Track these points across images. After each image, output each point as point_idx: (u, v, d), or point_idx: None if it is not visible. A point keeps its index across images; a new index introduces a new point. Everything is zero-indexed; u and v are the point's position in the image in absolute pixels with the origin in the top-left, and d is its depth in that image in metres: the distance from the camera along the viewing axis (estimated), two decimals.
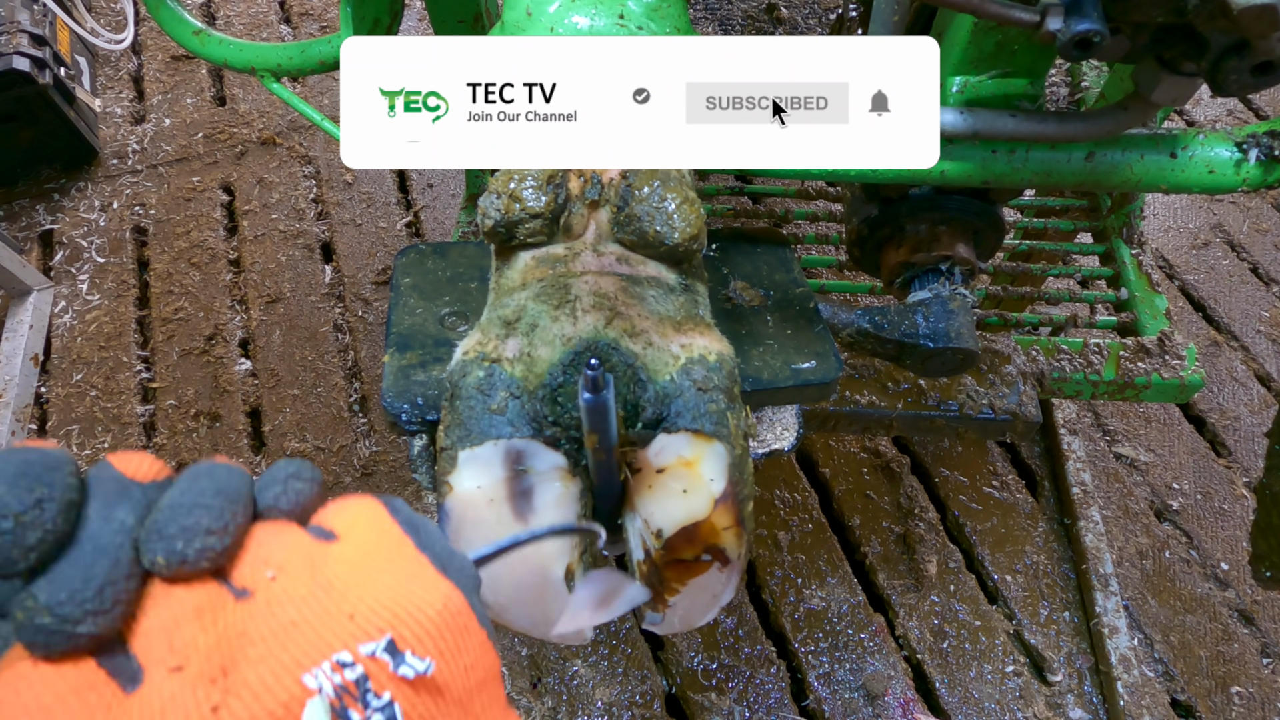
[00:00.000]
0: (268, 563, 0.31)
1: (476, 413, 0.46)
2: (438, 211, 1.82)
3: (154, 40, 2.10)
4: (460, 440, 0.46)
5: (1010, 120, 0.63)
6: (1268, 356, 1.65)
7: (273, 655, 0.28)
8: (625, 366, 0.47)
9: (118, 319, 1.68)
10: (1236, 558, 1.42)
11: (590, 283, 0.51)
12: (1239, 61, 0.53)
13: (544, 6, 0.56)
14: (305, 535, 0.33)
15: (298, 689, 0.28)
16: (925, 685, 1.29)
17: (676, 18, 0.57)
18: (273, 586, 0.30)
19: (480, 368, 0.47)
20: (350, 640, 0.29)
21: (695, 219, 0.53)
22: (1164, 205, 1.87)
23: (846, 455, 1.49)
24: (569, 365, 0.47)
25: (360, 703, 0.28)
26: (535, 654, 1.29)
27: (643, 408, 0.47)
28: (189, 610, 0.30)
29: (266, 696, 0.28)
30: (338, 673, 0.28)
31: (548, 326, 0.48)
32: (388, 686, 0.29)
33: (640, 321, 0.49)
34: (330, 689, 0.28)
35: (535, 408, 0.46)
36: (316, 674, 0.28)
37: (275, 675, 0.28)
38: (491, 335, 0.49)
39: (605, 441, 0.44)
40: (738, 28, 1.74)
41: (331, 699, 0.28)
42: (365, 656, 0.29)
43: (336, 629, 0.29)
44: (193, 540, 0.30)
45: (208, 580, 0.31)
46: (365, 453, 1.50)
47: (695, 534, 0.46)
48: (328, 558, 0.32)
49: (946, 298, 0.75)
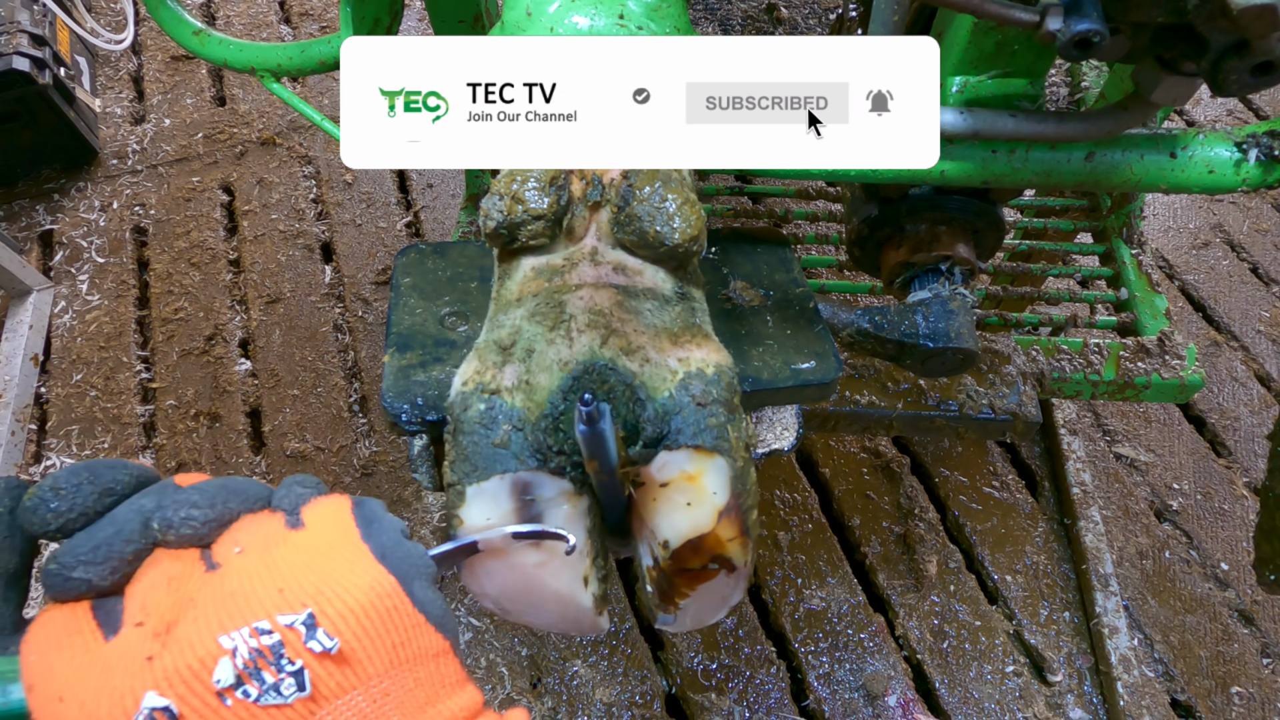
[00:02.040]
0: (238, 542, 0.37)
1: (481, 448, 0.46)
2: (438, 211, 1.82)
3: (154, 40, 2.10)
4: (467, 476, 0.46)
5: (1010, 120, 0.63)
6: (1268, 356, 1.65)
7: (204, 617, 0.34)
8: (623, 386, 0.47)
9: (118, 319, 1.68)
10: (1236, 558, 1.42)
11: (585, 298, 0.50)
12: (1239, 61, 0.53)
13: (544, 6, 0.56)
14: (279, 523, 0.39)
15: (215, 647, 0.33)
16: (925, 685, 1.29)
17: (676, 18, 0.57)
18: (234, 561, 0.37)
19: (480, 400, 0.47)
20: (273, 610, 0.34)
21: (696, 220, 0.53)
22: (1164, 205, 1.87)
23: (846, 455, 1.49)
24: (568, 391, 0.47)
25: (274, 666, 0.33)
26: (535, 654, 1.29)
27: (643, 426, 0.47)
28: (165, 576, 0.36)
29: (189, 652, 0.33)
30: (255, 638, 0.33)
31: (544, 351, 0.48)
32: (301, 655, 0.34)
33: (637, 337, 0.49)
34: (245, 650, 0.33)
35: (538, 439, 0.46)
36: (235, 636, 0.33)
37: (199, 634, 0.33)
38: (489, 363, 0.49)
39: (606, 465, 0.44)
40: (738, 28, 1.74)
41: (245, 659, 0.33)
42: (283, 626, 0.34)
43: (264, 600, 0.35)
44: (178, 511, 0.37)
45: (192, 552, 0.37)
46: (365, 453, 1.50)
47: (701, 546, 0.46)
48: (283, 541, 0.37)
49: (946, 298, 0.75)
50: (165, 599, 0.35)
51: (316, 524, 0.38)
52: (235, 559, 0.37)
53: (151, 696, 0.32)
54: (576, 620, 0.48)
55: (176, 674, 0.32)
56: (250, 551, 0.37)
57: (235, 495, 0.39)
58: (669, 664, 1.29)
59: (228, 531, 0.38)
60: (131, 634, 0.34)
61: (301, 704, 0.33)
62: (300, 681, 0.33)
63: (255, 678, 0.33)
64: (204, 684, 0.32)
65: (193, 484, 0.39)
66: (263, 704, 0.33)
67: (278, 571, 0.36)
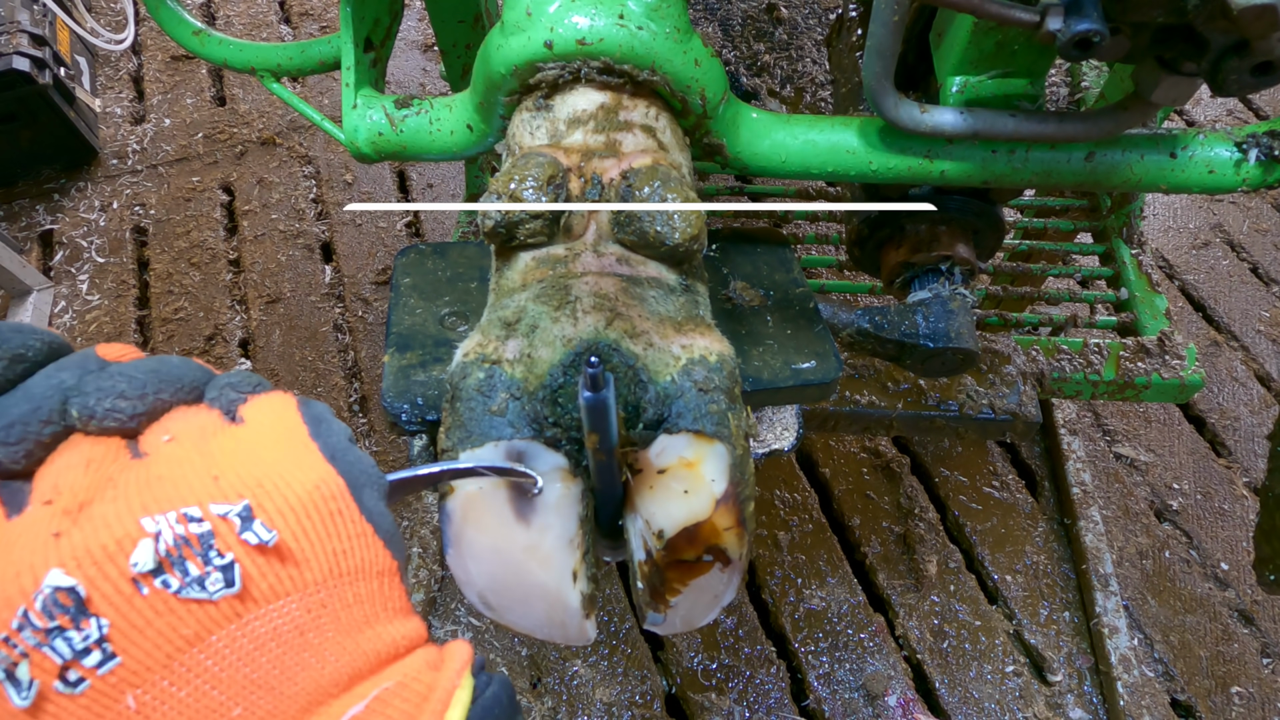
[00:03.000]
0: (168, 431, 0.34)
1: (477, 414, 0.46)
2: (438, 211, 1.82)
3: (154, 40, 2.10)
4: (461, 442, 0.46)
5: (1010, 120, 0.63)
6: (1268, 356, 1.65)
7: (124, 498, 0.30)
8: (626, 367, 0.47)
9: (118, 319, 1.68)
10: (1236, 558, 1.42)
11: (591, 283, 0.50)
12: (1239, 61, 0.53)
13: (544, 6, 0.56)
14: (215, 416, 0.35)
15: (135, 529, 0.29)
16: (925, 685, 1.29)
17: (676, 18, 0.57)
18: (162, 449, 0.33)
19: (480, 369, 0.47)
20: (205, 499, 0.30)
21: (695, 219, 0.52)
22: (1164, 205, 1.87)
23: (846, 455, 1.49)
24: (569, 366, 0.47)
25: (200, 557, 0.29)
26: (535, 654, 1.29)
27: (643, 408, 0.47)
28: (83, 459, 0.32)
29: (104, 531, 0.29)
30: (182, 524, 0.30)
31: (548, 327, 0.48)
32: (233, 548, 0.30)
33: (641, 322, 0.49)
34: (170, 536, 0.29)
35: (535, 409, 0.46)
36: (159, 519, 0.29)
37: (118, 515, 0.30)
38: (491, 336, 0.49)
39: (606, 442, 0.44)
40: (738, 27, 1.74)
41: (170, 546, 0.29)
42: (216, 516, 0.30)
43: (195, 487, 0.31)
44: (103, 401, 0.33)
45: (115, 439, 0.34)
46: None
47: (697, 534, 0.46)
48: (220, 433, 0.34)
49: (946, 298, 0.75)
50: (80, 479, 0.31)
51: (258, 419, 0.35)
52: (164, 446, 0.33)
53: (56, 574, 0.28)
54: (563, 621, 0.47)
55: (87, 553, 0.29)
56: (183, 440, 0.33)
57: (168, 384, 0.34)
58: (669, 664, 1.29)
59: (157, 422, 0.34)
60: (38, 511, 0.30)
61: (228, 603, 0.30)
62: (229, 578, 0.30)
63: (178, 567, 0.29)
64: (118, 566, 0.29)
65: (119, 363, 0.35)
66: (184, 597, 0.29)
67: (213, 460, 0.32)
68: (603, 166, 0.54)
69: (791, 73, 1.66)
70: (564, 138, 0.57)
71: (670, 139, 0.59)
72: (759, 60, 1.69)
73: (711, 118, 0.61)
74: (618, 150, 0.56)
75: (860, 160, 0.66)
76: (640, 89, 0.58)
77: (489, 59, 0.58)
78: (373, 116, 0.69)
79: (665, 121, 0.59)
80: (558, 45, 0.55)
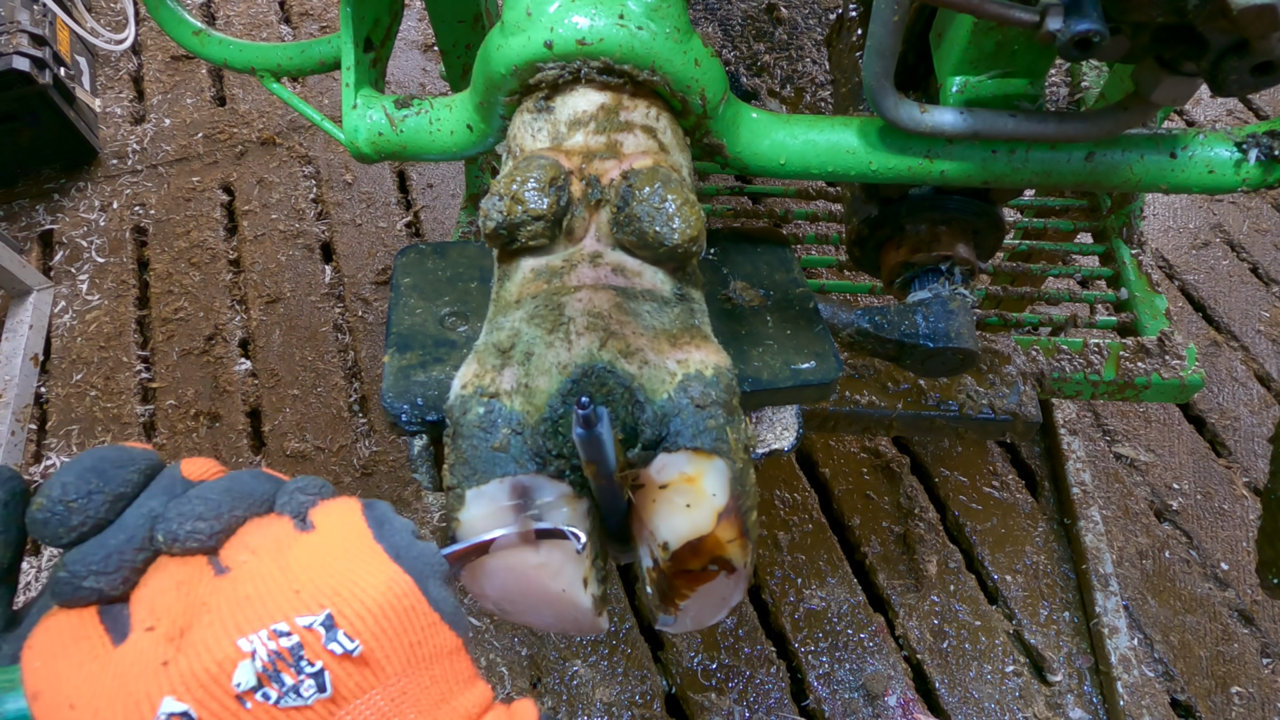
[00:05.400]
0: (247, 546, 0.37)
1: (480, 451, 0.46)
2: (438, 211, 1.82)
3: (154, 40, 2.10)
4: (466, 479, 0.46)
5: (1010, 120, 0.63)
6: (1268, 356, 1.65)
7: (220, 621, 0.34)
8: (622, 389, 0.47)
9: (118, 319, 1.68)
10: (1236, 558, 1.42)
11: (585, 300, 0.50)
12: (1239, 61, 0.53)
13: (544, 6, 0.56)
14: (289, 526, 0.38)
15: (233, 650, 0.33)
16: (925, 685, 1.29)
17: (676, 18, 0.57)
18: (245, 565, 0.36)
19: (480, 404, 0.47)
20: (290, 613, 0.34)
21: (695, 220, 0.52)
22: (1164, 205, 1.87)
23: (846, 455, 1.49)
24: (567, 394, 0.47)
25: (293, 668, 0.33)
26: (535, 654, 1.29)
27: (641, 429, 0.47)
28: (174, 581, 0.36)
29: (206, 655, 0.33)
30: (274, 640, 0.33)
31: (543, 354, 0.48)
32: (321, 656, 0.33)
33: (635, 339, 0.49)
34: (264, 653, 0.33)
35: (537, 442, 0.46)
36: (253, 639, 0.33)
37: (217, 638, 0.33)
38: (488, 366, 0.49)
39: (604, 469, 0.44)
40: (738, 27, 1.74)
41: (265, 662, 0.32)
42: (302, 628, 0.33)
43: (280, 603, 0.34)
44: (184, 524, 0.36)
45: (199, 558, 0.37)
46: (365, 453, 1.50)
47: (701, 547, 0.46)
48: (295, 544, 0.37)
49: (946, 298, 0.75)
50: (175, 603, 0.35)
51: (327, 526, 0.38)
52: (246, 562, 0.36)
53: (169, 702, 0.32)
54: (576, 621, 0.48)
55: (194, 678, 0.32)
56: (262, 554, 0.37)
57: (241, 501, 0.38)
58: (669, 664, 1.29)
59: (235, 536, 0.38)
60: (143, 638, 0.34)
61: (322, 705, 0.33)
62: (320, 683, 0.33)
63: (275, 680, 0.33)
64: (223, 688, 0.32)
65: (199, 484, 0.39)
66: (283, 706, 0.33)
67: (292, 573, 0.35)
68: (603, 168, 0.54)
69: (791, 73, 1.66)
70: (565, 140, 0.57)
71: (671, 139, 0.59)
72: (759, 60, 1.69)
73: (711, 118, 0.61)
74: (618, 151, 0.56)
75: (860, 160, 0.66)
76: (640, 89, 0.58)
77: (489, 59, 0.58)
78: (373, 116, 0.69)
79: (666, 122, 0.59)
80: (558, 45, 0.55)
